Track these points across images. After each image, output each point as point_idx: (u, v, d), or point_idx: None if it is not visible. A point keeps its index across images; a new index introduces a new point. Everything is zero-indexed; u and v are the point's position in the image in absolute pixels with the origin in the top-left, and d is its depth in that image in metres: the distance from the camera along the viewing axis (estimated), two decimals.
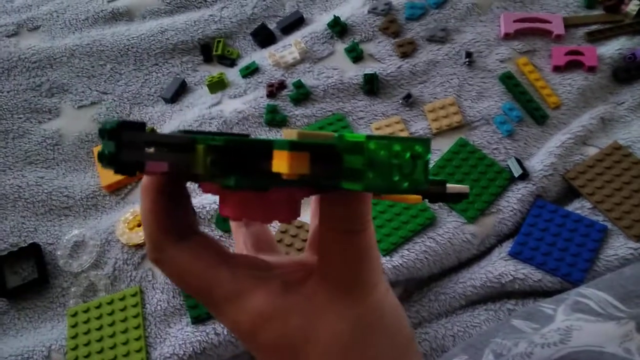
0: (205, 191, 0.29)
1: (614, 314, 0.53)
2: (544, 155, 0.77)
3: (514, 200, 0.74)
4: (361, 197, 0.27)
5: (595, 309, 0.55)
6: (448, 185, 0.32)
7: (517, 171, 0.75)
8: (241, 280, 0.28)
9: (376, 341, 0.28)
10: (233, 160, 0.22)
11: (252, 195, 0.28)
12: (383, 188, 0.21)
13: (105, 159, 0.21)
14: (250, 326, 0.28)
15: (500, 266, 0.70)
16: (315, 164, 0.21)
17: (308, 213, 0.57)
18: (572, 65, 0.85)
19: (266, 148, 0.22)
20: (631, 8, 0.89)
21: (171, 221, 0.29)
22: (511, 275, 0.69)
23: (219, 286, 0.28)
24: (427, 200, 0.33)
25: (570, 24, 0.89)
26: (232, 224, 0.39)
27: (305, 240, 0.72)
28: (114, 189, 0.84)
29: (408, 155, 0.21)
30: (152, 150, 0.22)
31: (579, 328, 0.53)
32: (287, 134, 0.23)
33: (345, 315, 0.28)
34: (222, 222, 0.76)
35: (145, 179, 0.29)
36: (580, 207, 0.73)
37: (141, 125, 0.22)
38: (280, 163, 0.20)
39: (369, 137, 0.21)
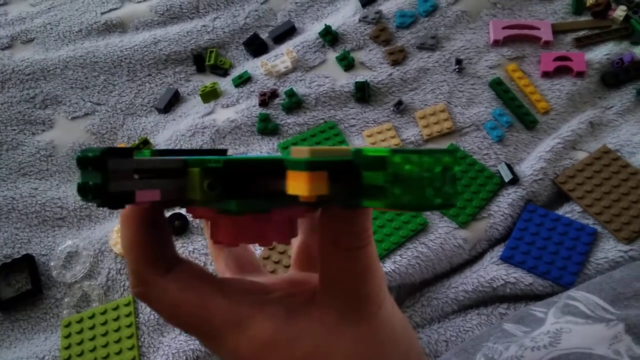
0: (196, 216, 0.27)
1: (603, 316, 0.54)
2: (534, 160, 0.78)
3: (504, 205, 0.75)
4: (364, 212, 0.25)
5: (584, 311, 0.55)
6: None
7: (507, 176, 0.76)
8: (240, 307, 0.27)
9: (391, 357, 0.27)
10: (233, 183, 0.21)
11: (249, 218, 0.26)
12: (413, 205, 0.19)
13: (90, 192, 0.19)
14: (257, 354, 0.26)
15: (491, 270, 0.70)
16: (332, 182, 0.20)
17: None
18: (561, 70, 0.86)
19: (275, 168, 0.20)
20: (618, 14, 0.90)
21: (156, 251, 0.27)
22: (503, 279, 0.69)
23: (216, 316, 0.26)
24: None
25: (558, 30, 0.90)
26: (211, 246, 0.36)
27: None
28: None
29: (439, 168, 0.20)
30: (139, 177, 0.20)
31: (569, 330, 0.53)
32: (297, 151, 0.21)
33: (358, 335, 0.27)
34: None
35: (127, 209, 0.27)
36: (570, 211, 0.74)
37: (128, 151, 0.20)
38: (298, 185, 0.19)
39: (394, 151, 0.19)
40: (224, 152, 0.27)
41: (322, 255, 0.27)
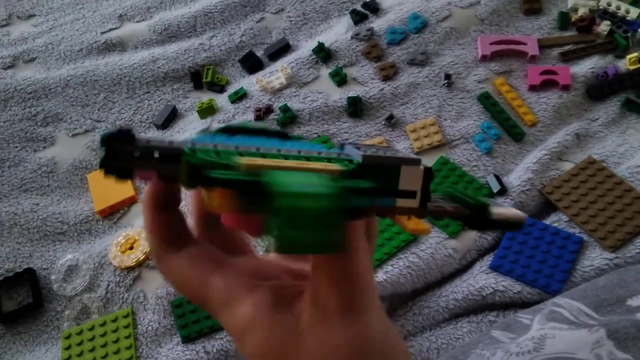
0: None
1: (586, 322, 0.55)
2: (521, 171, 0.80)
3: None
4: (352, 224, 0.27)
5: (568, 317, 0.57)
6: (496, 210, 0.30)
7: (495, 187, 0.78)
8: (232, 289, 0.30)
9: None
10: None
11: None
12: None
13: (100, 164, 0.24)
14: (239, 333, 0.30)
15: (481, 279, 0.72)
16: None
17: None
18: (547, 84, 0.88)
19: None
20: (602, 28, 0.93)
21: (170, 233, 0.32)
22: (492, 287, 0.71)
23: (212, 293, 0.30)
24: (467, 226, 0.31)
25: (544, 45, 0.93)
26: (195, 206, 0.36)
27: None
28: (107, 214, 0.87)
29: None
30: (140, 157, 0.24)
31: (553, 336, 0.54)
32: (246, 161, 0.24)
33: (334, 339, 0.27)
34: None
35: (145, 196, 0.31)
36: (557, 220, 0.76)
37: (130, 138, 0.24)
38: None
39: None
40: (284, 134, 0.29)
41: (312, 259, 0.29)
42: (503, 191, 0.78)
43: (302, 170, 0.24)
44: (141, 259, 0.77)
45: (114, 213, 0.87)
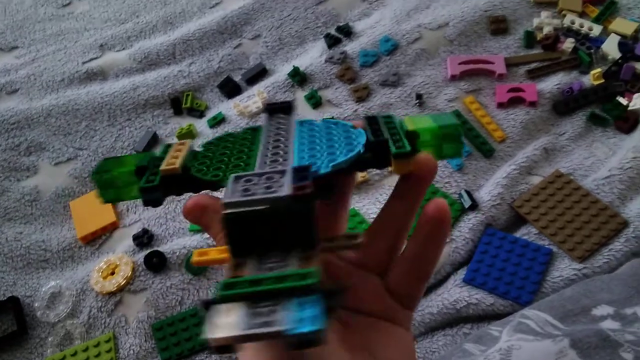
0: None
1: (551, 333, 0.57)
2: (491, 186, 0.82)
3: (465, 229, 0.79)
4: None
5: (534, 328, 0.59)
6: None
7: (467, 202, 0.80)
8: None
9: None
10: None
11: None
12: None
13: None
14: None
15: (455, 293, 0.74)
16: None
17: None
18: (515, 101, 0.91)
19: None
20: (567, 45, 0.96)
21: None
22: (465, 300, 0.73)
23: None
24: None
25: (511, 63, 0.96)
26: None
27: None
28: (89, 240, 0.88)
29: None
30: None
31: (519, 347, 0.56)
32: None
33: None
34: (192, 266, 0.80)
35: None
36: (527, 233, 0.78)
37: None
38: None
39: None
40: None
41: None
42: (474, 206, 0.80)
43: None
44: (122, 283, 0.78)
45: (96, 239, 0.88)
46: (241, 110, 0.96)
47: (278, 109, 0.34)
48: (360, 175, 0.86)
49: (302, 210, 0.23)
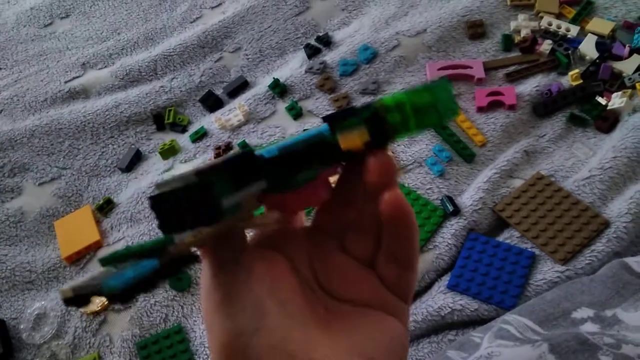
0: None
1: (531, 338, 0.57)
2: (473, 191, 0.82)
3: (448, 235, 0.79)
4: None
5: (514, 334, 0.59)
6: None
7: (449, 208, 0.80)
8: None
9: None
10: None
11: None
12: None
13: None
14: None
15: (439, 299, 0.74)
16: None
17: None
18: (494, 105, 0.91)
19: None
20: (544, 48, 0.96)
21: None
22: (450, 307, 0.73)
23: None
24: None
25: (490, 67, 0.96)
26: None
27: None
28: (74, 260, 0.88)
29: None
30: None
31: (499, 354, 0.56)
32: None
33: None
34: (176, 282, 0.79)
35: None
36: (509, 237, 0.78)
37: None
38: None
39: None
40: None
41: None
42: (456, 212, 0.80)
43: None
44: (106, 302, 0.78)
45: (81, 259, 0.88)
46: (223, 123, 0.96)
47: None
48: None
49: (200, 183, 0.25)
